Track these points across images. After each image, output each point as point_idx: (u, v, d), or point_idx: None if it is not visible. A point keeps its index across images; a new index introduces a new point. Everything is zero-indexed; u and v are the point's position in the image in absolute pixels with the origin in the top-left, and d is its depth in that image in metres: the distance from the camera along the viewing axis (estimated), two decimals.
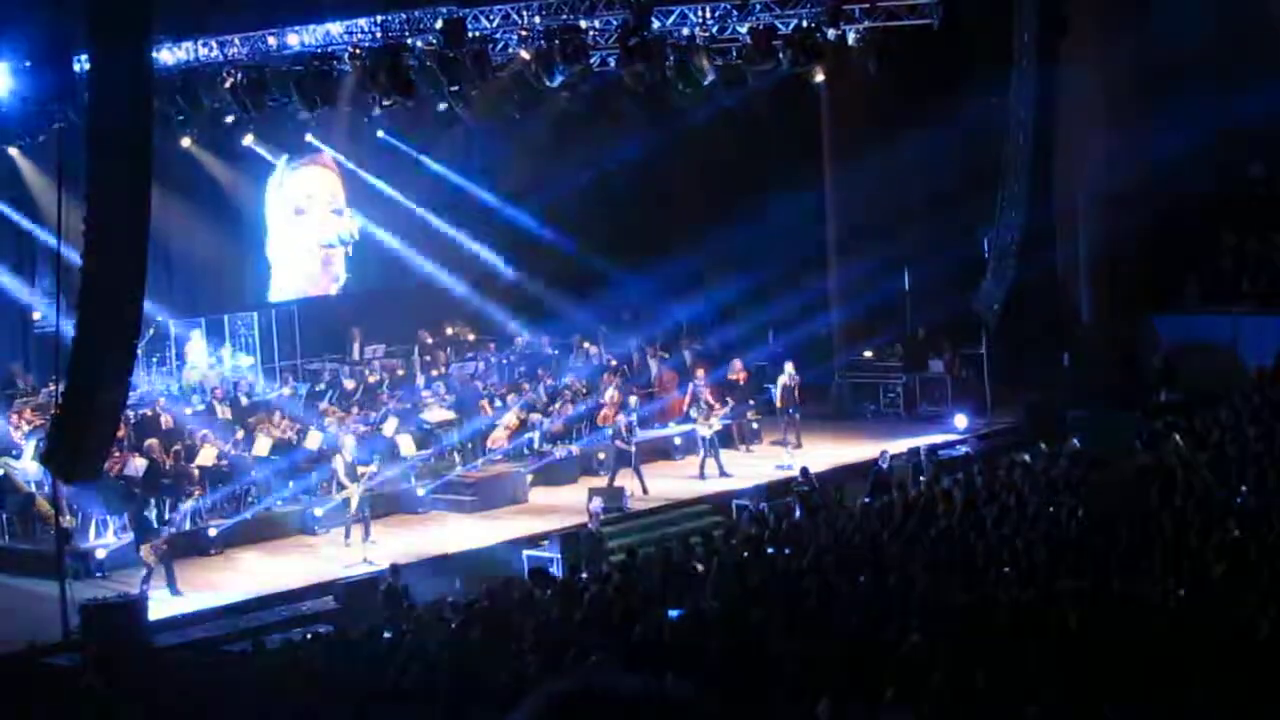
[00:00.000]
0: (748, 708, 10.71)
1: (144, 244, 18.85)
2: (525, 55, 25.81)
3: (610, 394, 27.49)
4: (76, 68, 21.84)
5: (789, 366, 28.87)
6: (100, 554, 22.42)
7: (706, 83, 26.93)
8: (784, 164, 31.98)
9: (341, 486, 23.91)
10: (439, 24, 24.63)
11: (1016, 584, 14.64)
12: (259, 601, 20.79)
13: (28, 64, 22.96)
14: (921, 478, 23.96)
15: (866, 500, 22.28)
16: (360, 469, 23.77)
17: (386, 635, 17.55)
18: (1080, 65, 28.23)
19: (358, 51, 25.88)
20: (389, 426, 26.52)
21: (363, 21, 25.57)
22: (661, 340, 32.00)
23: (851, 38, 26.08)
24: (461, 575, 21.58)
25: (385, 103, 26.97)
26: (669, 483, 26.48)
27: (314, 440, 25.62)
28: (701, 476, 26.69)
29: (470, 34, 24.78)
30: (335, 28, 25.75)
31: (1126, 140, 30.14)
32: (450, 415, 27.34)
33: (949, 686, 10.76)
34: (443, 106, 28.08)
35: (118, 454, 22.81)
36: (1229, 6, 31.13)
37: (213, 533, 23.49)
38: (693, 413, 27.66)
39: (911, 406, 30.80)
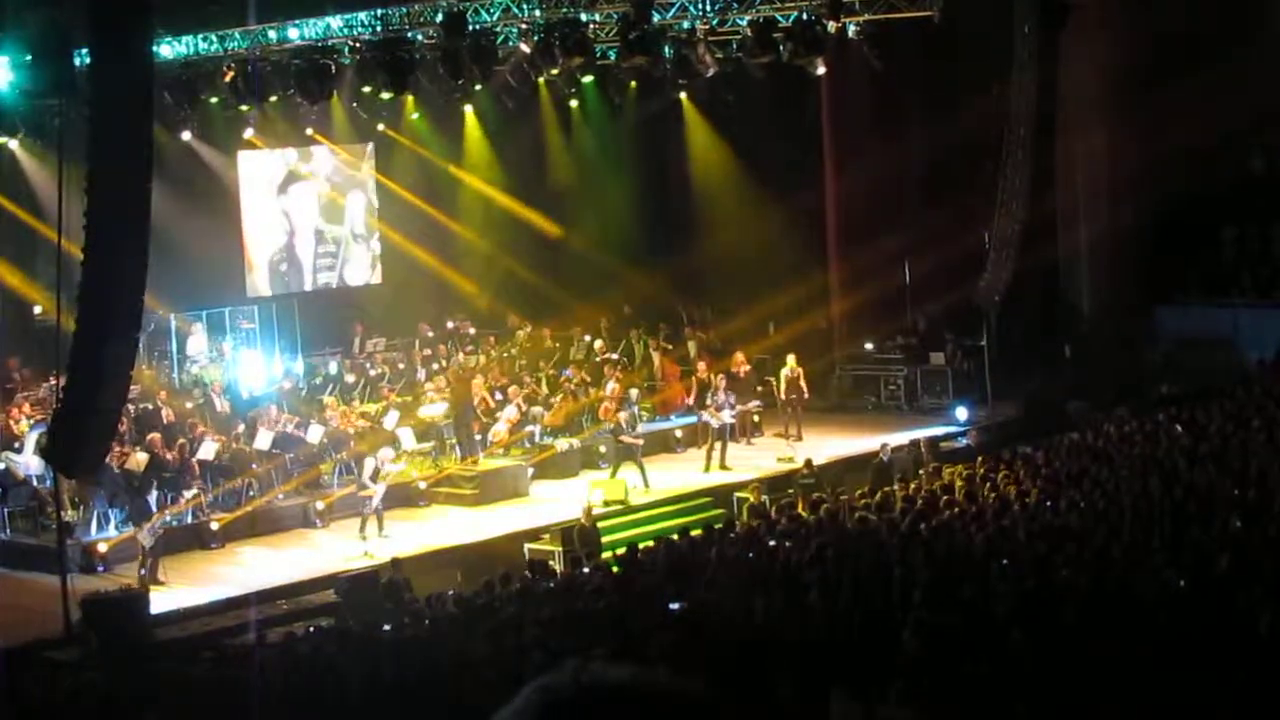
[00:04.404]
0: (748, 701, 10.72)
1: (145, 238, 18.87)
2: (525, 48, 25.79)
3: (612, 388, 27.48)
4: (77, 61, 21.83)
5: (791, 359, 28.87)
6: (102, 548, 22.42)
7: (709, 74, 26.97)
8: (784, 156, 31.96)
9: (368, 479, 23.75)
10: (439, 17, 24.62)
11: (1017, 576, 14.64)
12: (260, 595, 20.78)
13: (28, 58, 22.96)
14: (922, 470, 23.96)
15: (867, 492, 22.27)
16: (386, 470, 23.81)
17: (387, 629, 17.58)
18: (1081, 57, 28.22)
19: (358, 45, 25.89)
20: (390, 420, 26.53)
21: (363, 15, 25.55)
22: (664, 333, 32.00)
23: (852, 30, 26.07)
24: (462, 568, 21.58)
25: (385, 95, 27.06)
26: (670, 476, 26.47)
27: (315, 434, 25.63)
28: (706, 468, 26.67)
29: (470, 27, 24.76)
30: (335, 21, 25.74)
31: (1127, 133, 30.13)
32: (451, 409, 27.32)
33: (949, 680, 10.77)
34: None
35: (119, 448, 22.82)
36: None
37: (215, 527, 23.50)
38: (707, 400, 27.61)
39: (912, 399, 30.80)
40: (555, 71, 26.66)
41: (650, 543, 20.22)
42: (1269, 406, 23.06)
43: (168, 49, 25.54)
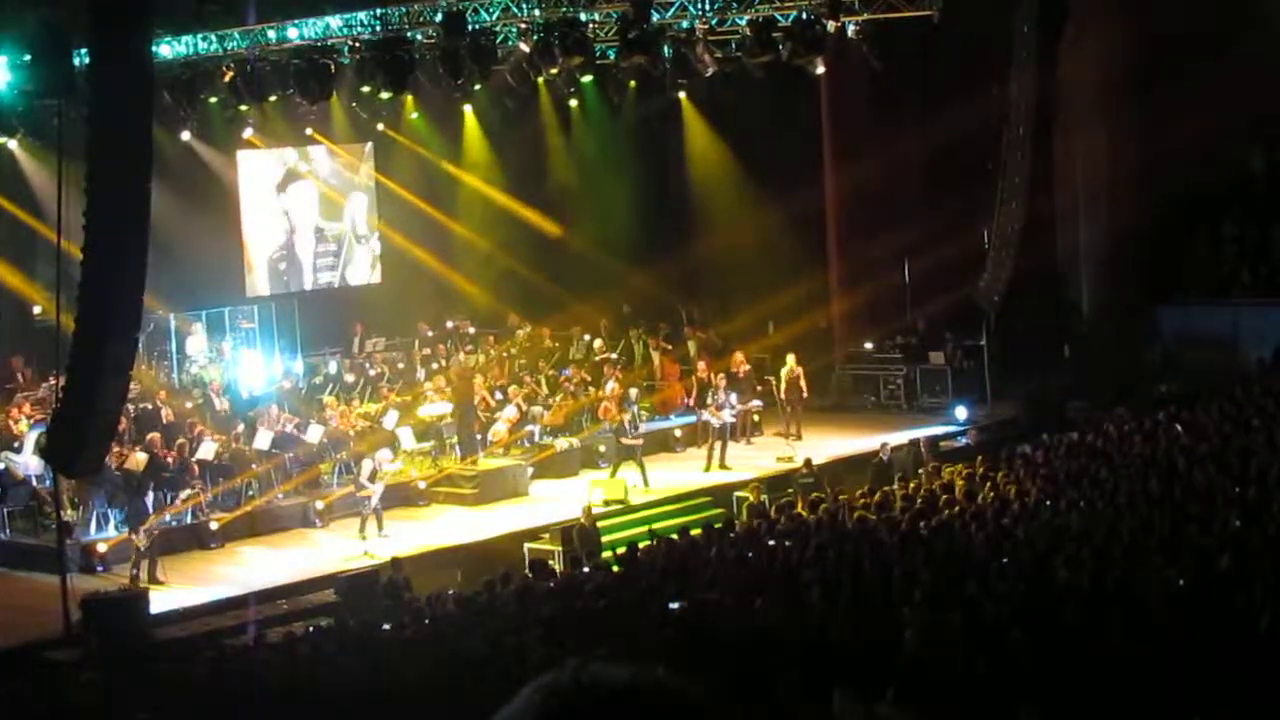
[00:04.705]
0: (748, 701, 10.71)
1: (144, 237, 18.87)
2: (525, 48, 25.78)
3: (611, 387, 27.47)
4: (77, 61, 21.81)
5: (790, 358, 28.87)
6: (101, 548, 22.41)
7: (708, 74, 26.97)
8: (784, 156, 31.94)
9: (365, 480, 23.72)
10: (438, 17, 24.61)
11: (1017, 576, 14.64)
12: (260, 595, 20.78)
13: (28, 58, 22.93)
14: (922, 469, 23.96)
15: (867, 492, 22.27)
16: (383, 471, 23.80)
17: (387, 628, 17.58)
18: (1080, 56, 28.21)
19: (357, 45, 25.87)
20: (390, 420, 26.53)
21: (362, 15, 25.54)
22: (664, 333, 31.99)
23: (851, 30, 26.06)
24: (462, 568, 21.58)
25: (384, 95, 27.06)
26: (670, 475, 26.47)
27: (315, 434, 25.62)
28: (707, 468, 26.67)
29: (470, 26, 24.75)
30: (335, 21, 25.72)
31: (1127, 131, 30.13)
32: (450, 408, 27.32)
33: (948, 680, 10.76)
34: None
35: (118, 448, 22.81)
36: None
37: (214, 527, 23.49)
38: (707, 399, 27.60)
39: (912, 398, 30.80)
40: (555, 71, 26.63)
41: (650, 542, 20.21)
42: (1269, 406, 23.06)
43: (167, 49, 25.52)
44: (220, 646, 18.25)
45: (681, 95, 32.36)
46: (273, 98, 27.16)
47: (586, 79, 30.51)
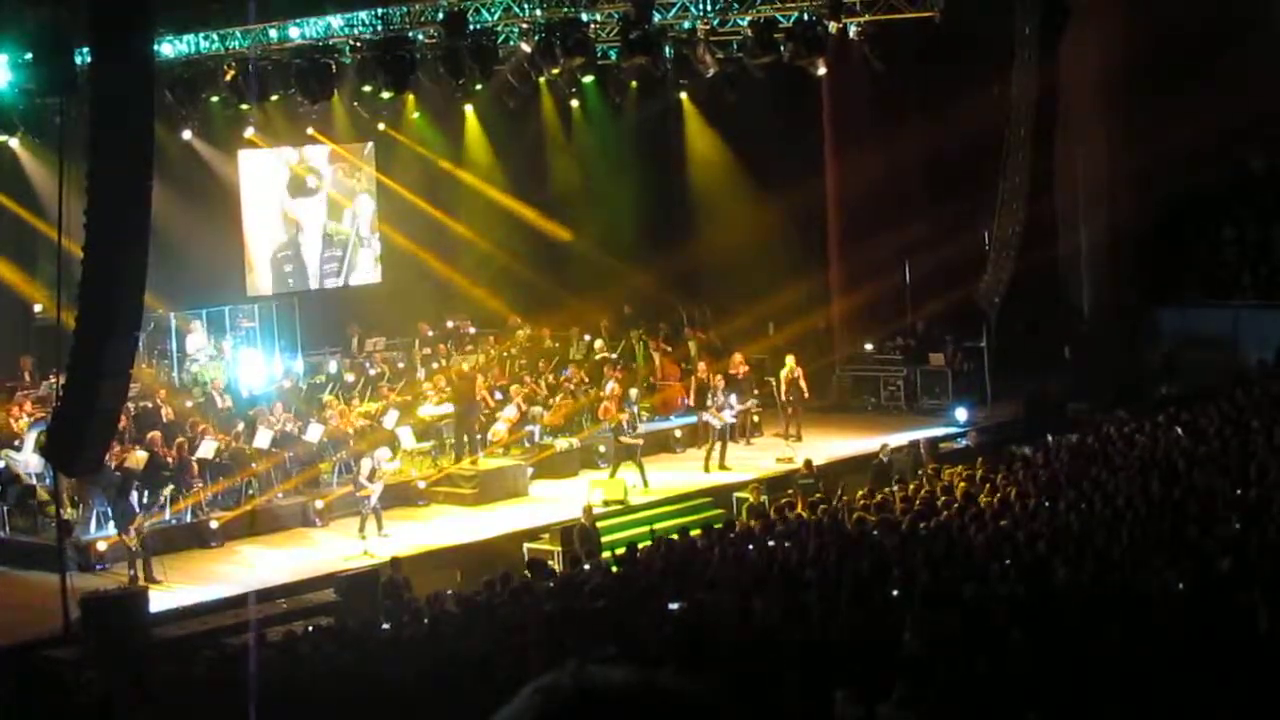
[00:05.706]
0: (748, 701, 10.71)
1: (145, 236, 18.86)
2: (526, 48, 25.79)
3: (611, 387, 27.46)
4: (78, 60, 21.79)
5: (790, 359, 28.85)
6: (101, 546, 22.40)
7: (709, 75, 26.97)
8: (785, 156, 31.94)
9: (364, 479, 23.71)
10: (440, 17, 24.61)
11: (1016, 578, 14.64)
12: (260, 594, 20.74)
13: (28, 57, 22.93)
14: (922, 471, 23.95)
15: (867, 493, 22.26)
16: (382, 470, 23.79)
17: (386, 628, 17.57)
18: (1080, 57, 28.22)
19: (358, 44, 25.88)
20: (390, 419, 26.52)
21: (363, 14, 25.53)
22: (664, 333, 31.97)
23: (852, 31, 26.07)
24: (462, 568, 21.58)
25: (385, 95, 27.07)
26: (670, 475, 26.47)
27: (315, 433, 25.62)
28: (706, 468, 26.67)
29: (471, 26, 24.75)
30: (336, 20, 25.71)
31: (1128, 133, 30.13)
32: (450, 408, 27.31)
33: (949, 682, 10.76)
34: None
35: (118, 447, 22.78)
36: None
37: (214, 525, 23.49)
38: (707, 400, 27.60)
39: (912, 399, 30.79)
40: (556, 71, 26.63)
41: (649, 542, 20.20)
42: (1269, 407, 23.05)
43: (169, 48, 25.52)
44: (220, 646, 18.24)
45: (683, 96, 32.38)
46: (274, 97, 27.17)
47: (588, 79, 30.51)
